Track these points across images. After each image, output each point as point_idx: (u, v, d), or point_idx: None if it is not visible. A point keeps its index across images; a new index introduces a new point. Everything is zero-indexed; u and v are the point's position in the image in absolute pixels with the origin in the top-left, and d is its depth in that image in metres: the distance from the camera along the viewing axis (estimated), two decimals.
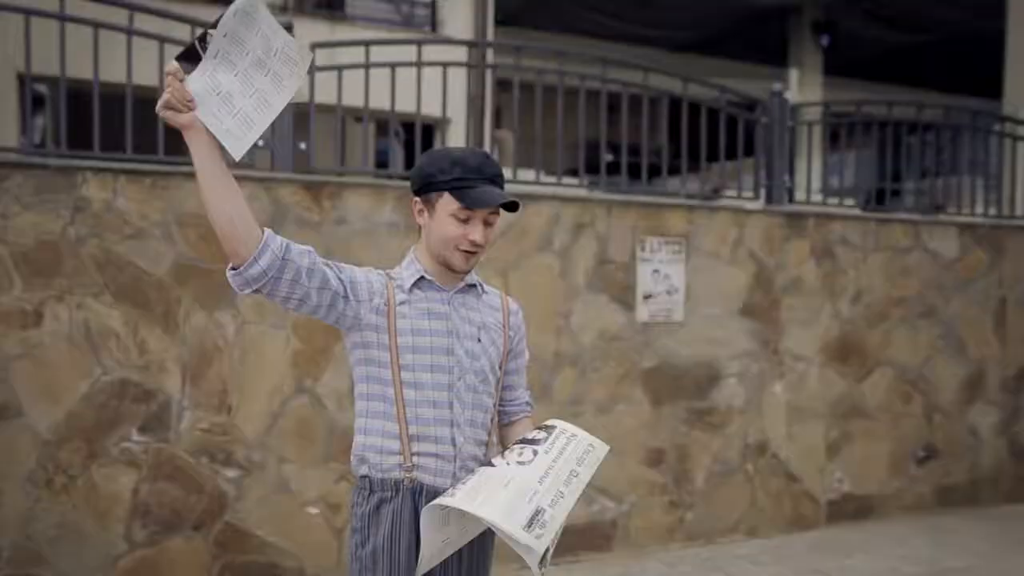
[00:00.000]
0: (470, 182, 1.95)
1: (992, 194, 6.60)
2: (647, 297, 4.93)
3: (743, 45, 14.28)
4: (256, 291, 1.85)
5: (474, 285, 2.10)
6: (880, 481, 5.67)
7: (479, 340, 2.06)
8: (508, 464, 1.89)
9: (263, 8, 1.77)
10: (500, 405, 2.18)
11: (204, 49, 1.74)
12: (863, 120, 6.10)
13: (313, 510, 4.16)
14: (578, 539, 4.69)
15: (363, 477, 2.02)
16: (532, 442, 1.95)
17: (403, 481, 1.97)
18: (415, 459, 1.98)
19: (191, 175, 3.98)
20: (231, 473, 4.02)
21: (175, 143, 4.31)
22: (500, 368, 2.11)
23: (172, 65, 1.75)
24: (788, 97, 5.72)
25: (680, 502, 5.03)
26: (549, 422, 2.03)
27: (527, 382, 2.26)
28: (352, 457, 2.05)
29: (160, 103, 1.74)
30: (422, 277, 2.03)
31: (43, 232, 3.74)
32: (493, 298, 2.15)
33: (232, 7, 1.74)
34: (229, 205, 1.77)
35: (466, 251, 1.98)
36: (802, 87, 12.21)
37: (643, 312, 4.92)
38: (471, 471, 1.99)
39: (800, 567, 4.72)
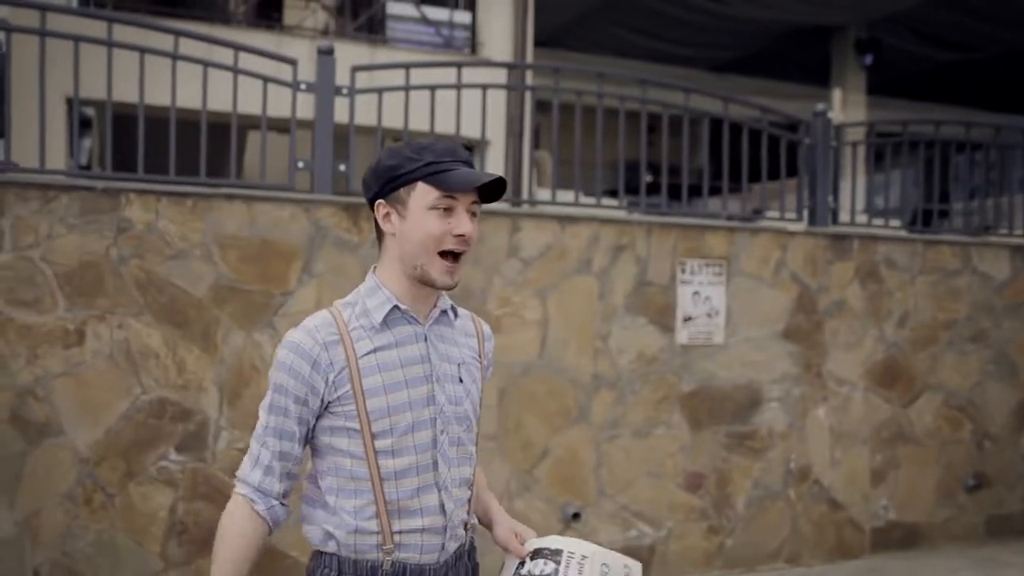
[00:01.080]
0: (447, 165, 1.63)
1: None
2: (687, 319, 4.86)
3: (785, 64, 14.16)
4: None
5: (446, 310, 1.78)
6: (928, 509, 5.50)
7: (460, 380, 1.74)
8: None
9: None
10: None
11: None
12: (910, 139, 5.99)
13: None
14: None
15: (329, 555, 1.69)
16: None
17: (382, 563, 1.66)
18: (397, 537, 1.66)
19: (231, 197, 4.04)
20: None
21: (216, 166, 4.38)
22: (480, 406, 1.82)
23: None
24: (831, 117, 5.64)
25: (720, 528, 4.93)
26: (553, 544, 1.74)
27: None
28: (311, 527, 1.71)
29: None
30: (395, 307, 1.68)
31: (86, 252, 3.80)
32: (465, 322, 1.84)
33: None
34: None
35: (451, 254, 1.65)
36: (845, 106, 12.04)
37: (683, 335, 4.85)
38: (458, 537, 1.75)
39: None
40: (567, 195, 5.13)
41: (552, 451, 4.52)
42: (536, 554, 1.73)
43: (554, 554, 1.70)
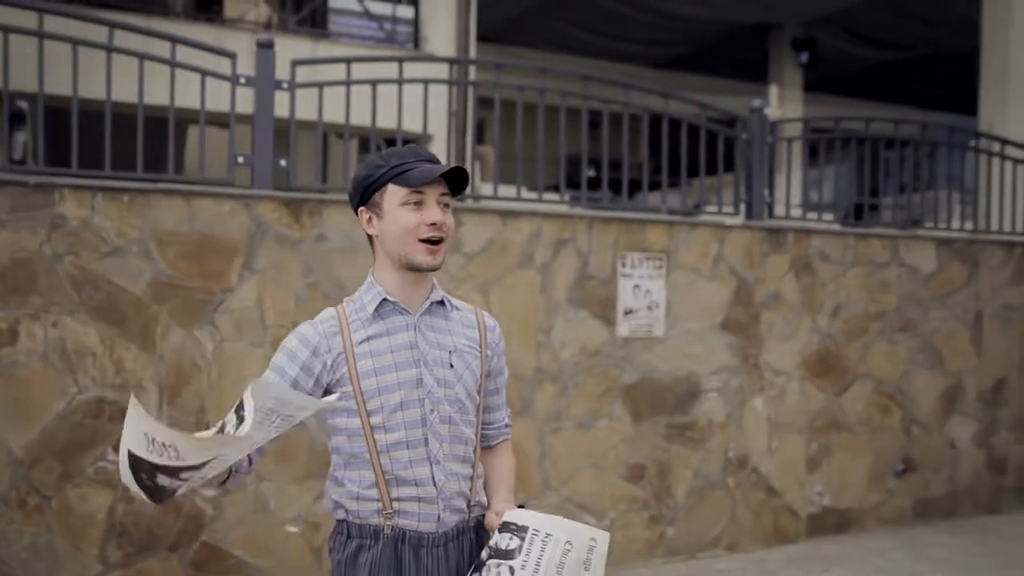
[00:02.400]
0: (409, 165, 1.84)
1: (968, 209, 6.67)
2: (628, 312, 4.95)
3: (724, 62, 14.44)
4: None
5: (442, 302, 1.95)
6: (860, 495, 5.69)
7: (451, 366, 1.90)
8: None
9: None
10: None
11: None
12: (842, 136, 6.17)
13: (292, 529, 4.14)
14: None
15: (340, 522, 1.92)
16: (506, 555, 1.78)
17: (383, 527, 1.86)
18: (395, 504, 1.85)
19: (169, 192, 3.98)
20: (209, 492, 3.98)
21: (154, 161, 4.31)
22: (479, 392, 1.97)
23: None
24: (768, 113, 5.78)
25: (661, 517, 5.04)
26: (520, 519, 1.82)
27: (506, 401, 2.12)
28: (327, 501, 1.95)
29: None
30: (384, 300, 1.89)
31: (19, 249, 3.72)
32: (466, 315, 2.00)
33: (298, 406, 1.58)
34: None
35: (428, 241, 1.84)
36: (783, 103, 12.33)
37: (624, 327, 4.94)
38: (459, 511, 1.90)
39: None
40: (509, 190, 5.17)
41: None
42: (504, 527, 1.82)
43: (520, 530, 1.79)
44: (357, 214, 1.93)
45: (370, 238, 1.93)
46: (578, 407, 4.81)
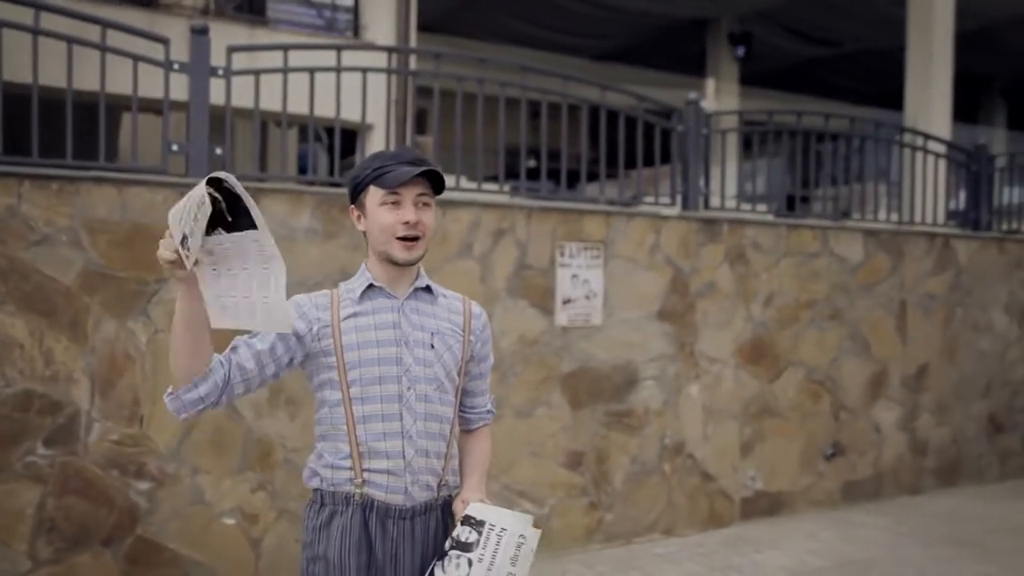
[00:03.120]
0: (389, 168, 1.97)
1: (894, 201, 6.91)
2: (566, 302, 5.01)
3: (664, 55, 14.61)
4: (200, 411, 1.90)
5: (427, 289, 2.09)
6: (791, 478, 5.87)
7: (432, 347, 2.03)
8: None
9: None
10: (460, 411, 2.15)
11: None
12: (774, 129, 6.32)
13: (229, 521, 4.10)
14: None
15: (315, 491, 2.04)
16: (465, 547, 1.92)
17: (354, 495, 1.98)
18: (366, 475, 1.97)
19: (100, 180, 3.90)
20: (143, 485, 3.93)
21: (84, 148, 4.21)
22: (459, 374, 2.09)
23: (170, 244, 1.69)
24: (703, 106, 5.89)
25: (599, 503, 5.12)
26: (479, 514, 1.96)
27: (489, 387, 2.26)
28: (305, 470, 2.07)
29: (161, 255, 1.70)
30: (371, 285, 2.04)
31: None
32: (453, 302, 2.14)
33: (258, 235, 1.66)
34: (191, 359, 1.85)
35: (405, 239, 1.98)
36: (719, 96, 12.53)
37: (562, 317, 5.00)
38: (428, 488, 2.01)
39: (714, 564, 4.86)
40: (449, 180, 5.17)
41: None
42: (465, 521, 1.95)
43: (478, 524, 1.93)
44: (351, 206, 2.10)
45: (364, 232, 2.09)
46: (517, 396, 4.85)
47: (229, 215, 1.67)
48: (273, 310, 1.68)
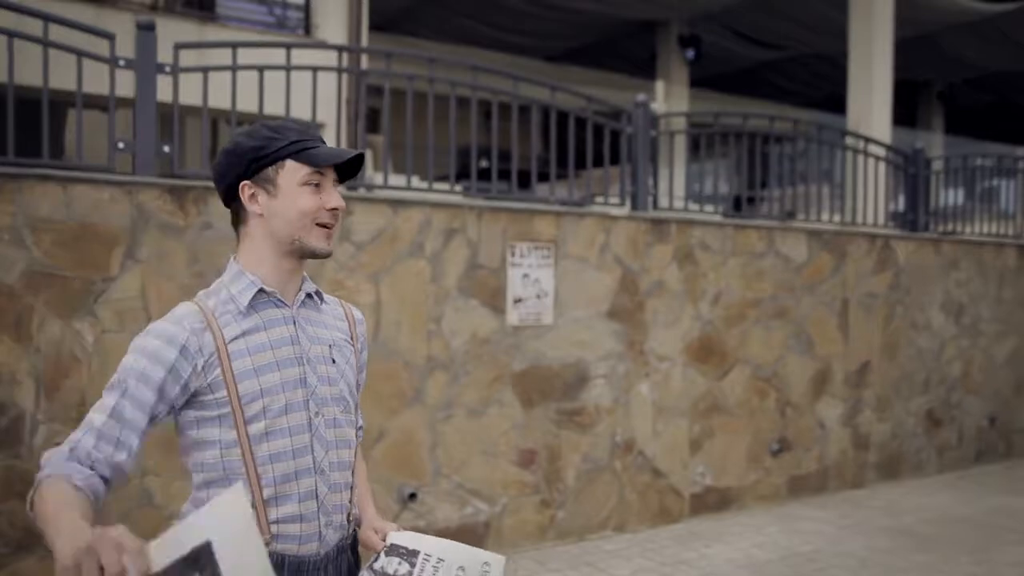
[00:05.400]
0: (311, 142, 1.68)
1: (837, 202, 7.09)
2: (517, 301, 5.05)
3: (615, 57, 14.77)
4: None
5: (312, 295, 1.78)
6: (739, 474, 5.99)
7: (333, 361, 1.74)
8: None
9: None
10: None
11: None
12: (721, 131, 6.45)
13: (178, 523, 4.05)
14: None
15: None
16: None
17: None
18: (274, 527, 1.63)
19: (44, 178, 3.83)
20: None
21: (26, 144, 4.13)
22: (357, 389, 1.83)
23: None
24: (653, 107, 5.98)
25: (552, 501, 5.17)
26: (410, 543, 1.72)
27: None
28: None
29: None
30: (261, 291, 1.68)
31: None
32: (334, 307, 1.85)
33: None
34: None
35: (325, 225, 1.69)
36: (669, 98, 12.71)
37: (513, 316, 5.04)
38: (340, 527, 1.73)
39: (664, 559, 4.94)
40: (400, 179, 5.18)
41: (388, 433, 4.59)
42: (392, 550, 1.72)
43: (410, 554, 1.69)
44: (228, 189, 1.69)
45: (237, 219, 1.72)
46: (469, 395, 4.88)
47: None
48: None
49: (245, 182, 1.68)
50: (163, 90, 4.27)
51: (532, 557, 4.90)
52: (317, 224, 1.68)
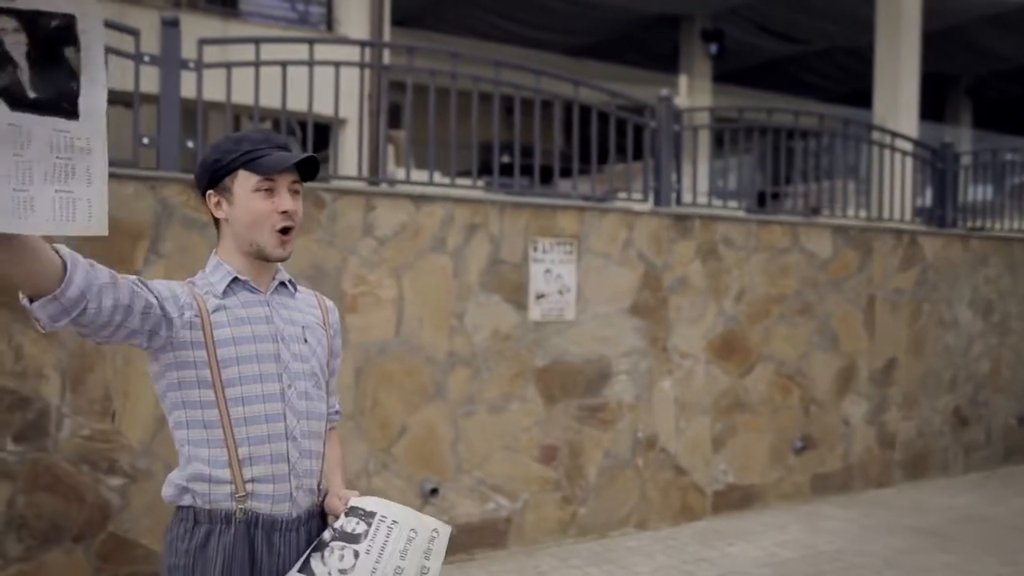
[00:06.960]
0: (261, 151, 1.82)
1: (863, 198, 7.01)
2: (539, 297, 5.03)
3: (637, 51, 14.69)
4: (76, 320, 1.59)
5: (286, 283, 1.96)
6: (761, 472, 5.94)
7: (306, 340, 1.91)
8: (329, 573, 1.77)
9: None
10: None
11: None
12: (745, 126, 6.39)
13: None
14: (472, 537, 4.75)
15: (185, 508, 1.81)
16: (351, 538, 1.80)
17: (235, 512, 1.79)
18: (249, 486, 1.79)
19: None
20: (115, 481, 3.90)
21: None
22: (328, 369, 2.00)
23: None
24: (676, 102, 5.94)
25: (573, 497, 5.16)
26: (368, 505, 1.85)
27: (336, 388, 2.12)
28: (168, 487, 1.84)
29: None
30: (235, 279, 1.86)
31: None
32: (308, 297, 2.02)
33: None
34: (24, 266, 1.53)
35: (280, 230, 1.84)
36: (692, 93, 12.62)
37: (535, 311, 5.02)
38: (311, 492, 1.89)
39: (686, 557, 4.91)
40: (422, 175, 5.18)
41: (409, 428, 4.60)
42: (351, 511, 1.85)
43: (367, 515, 1.83)
44: (204, 196, 1.90)
45: (216, 221, 1.91)
46: (491, 390, 4.87)
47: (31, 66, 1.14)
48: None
49: (210, 191, 1.88)
50: (187, 86, 4.29)
51: (553, 554, 4.89)
52: (276, 230, 1.83)
